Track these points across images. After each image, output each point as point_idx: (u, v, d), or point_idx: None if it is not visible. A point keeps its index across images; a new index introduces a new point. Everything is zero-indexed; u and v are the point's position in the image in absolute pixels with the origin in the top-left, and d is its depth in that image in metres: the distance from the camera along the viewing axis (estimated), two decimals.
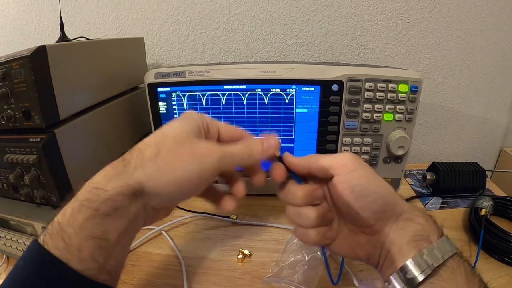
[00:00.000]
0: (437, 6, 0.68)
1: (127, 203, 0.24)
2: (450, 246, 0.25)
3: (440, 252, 0.25)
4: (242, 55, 0.75)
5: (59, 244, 0.22)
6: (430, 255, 0.25)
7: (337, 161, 0.29)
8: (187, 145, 0.26)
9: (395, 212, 0.27)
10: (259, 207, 0.55)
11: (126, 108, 0.61)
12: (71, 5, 0.75)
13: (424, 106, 0.76)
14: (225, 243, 0.47)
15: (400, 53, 0.72)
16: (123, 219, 0.24)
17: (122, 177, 0.24)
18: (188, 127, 0.27)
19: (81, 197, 0.24)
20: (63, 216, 0.23)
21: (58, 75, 0.41)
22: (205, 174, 0.26)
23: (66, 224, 0.22)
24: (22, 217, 0.42)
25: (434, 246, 0.25)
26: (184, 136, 0.26)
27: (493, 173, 0.79)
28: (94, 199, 0.23)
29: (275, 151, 0.30)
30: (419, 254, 0.25)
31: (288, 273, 0.39)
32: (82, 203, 0.23)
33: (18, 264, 0.22)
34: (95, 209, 0.23)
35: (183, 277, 0.40)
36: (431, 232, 0.26)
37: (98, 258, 0.23)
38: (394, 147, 0.49)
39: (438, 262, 0.24)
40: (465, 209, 0.55)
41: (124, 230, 0.25)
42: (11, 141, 0.41)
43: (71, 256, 0.21)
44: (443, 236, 0.26)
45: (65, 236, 0.22)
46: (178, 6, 0.72)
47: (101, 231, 0.23)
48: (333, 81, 0.47)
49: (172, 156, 0.25)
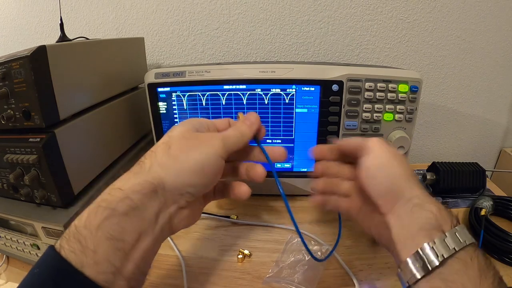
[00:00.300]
0: (437, 6, 0.68)
1: (146, 201, 0.24)
2: (464, 237, 0.25)
3: (452, 243, 0.24)
4: (242, 55, 0.75)
5: (75, 246, 0.22)
6: (440, 245, 0.24)
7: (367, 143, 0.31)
8: (193, 137, 0.28)
9: (404, 196, 0.28)
10: (259, 207, 0.55)
11: (126, 108, 0.61)
12: (71, 5, 0.75)
13: (424, 106, 0.76)
14: (225, 243, 0.47)
15: (400, 53, 0.72)
16: (142, 219, 0.24)
17: (139, 175, 0.25)
18: (188, 126, 0.30)
19: (98, 199, 0.24)
20: (80, 219, 0.23)
21: (58, 75, 0.41)
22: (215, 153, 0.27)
23: (82, 226, 0.22)
24: (22, 217, 0.42)
25: (446, 236, 0.25)
26: (188, 132, 0.29)
27: (493, 173, 0.79)
28: (111, 200, 0.23)
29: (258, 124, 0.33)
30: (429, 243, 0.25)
31: (288, 273, 0.39)
32: (99, 204, 0.23)
33: (33, 271, 0.22)
34: (112, 209, 0.23)
35: (183, 277, 0.40)
36: (444, 221, 0.26)
37: (114, 261, 0.22)
38: (394, 147, 0.49)
39: (449, 253, 0.24)
40: (465, 209, 0.55)
41: (143, 230, 0.24)
42: (11, 141, 0.41)
43: (87, 259, 0.21)
44: (458, 226, 0.26)
45: (81, 238, 0.22)
46: (178, 6, 0.72)
47: (118, 232, 0.23)
48: (333, 81, 0.47)
49: (182, 147, 0.27)
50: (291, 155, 0.53)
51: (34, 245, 0.43)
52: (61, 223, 0.40)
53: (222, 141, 0.29)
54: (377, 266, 0.41)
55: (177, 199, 0.26)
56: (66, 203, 0.43)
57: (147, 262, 0.26)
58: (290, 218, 0.32)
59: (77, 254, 0.21)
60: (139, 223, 0.24)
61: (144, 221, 0.24)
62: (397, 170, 0.29)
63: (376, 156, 0.30)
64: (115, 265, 0.22)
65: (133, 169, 0.26)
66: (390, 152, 0.30)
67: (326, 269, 0.41)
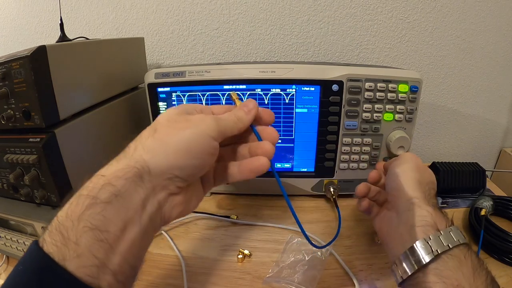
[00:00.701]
0: (437, 6, 0.68)
1: (130, 187, 0.22)
2: (458, 236, 0.26)
3: (446, 240, 0.26)
4: (242, 55, 0.75)
5: (57, 238, 0.20)
6: (435, 241, 0.26)
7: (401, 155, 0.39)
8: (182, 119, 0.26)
9: (406, 195, 0.32)
10: (259, 207, 0.55)
11: (126, 108, 0.61)
12: (71, 5, 0.75)
13: (424, 106, 0.76)
14: (225, 243, 0.47)
15: (400, 53, 0.72)
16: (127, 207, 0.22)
17: (122, 160, 0.24)
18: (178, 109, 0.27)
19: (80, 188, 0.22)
20: (62, 210, 0.22)
21: (58, 75, 0.41)
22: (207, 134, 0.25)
23: (64, 217, 0.21)
24: (22, 217, 0.42)
25: (441, 233, 0.26)
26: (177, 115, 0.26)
27: (493, 173, 0.79)
28: (92, 187, 0.22)
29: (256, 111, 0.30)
30: (425, 238, 0.26)
31: (288, 273, 0.39)
32: (81, 193, 0.22)
33: (18, 268, 0.21)
34: (94, 197, 0.21)
35: (183, 277, 0.40)
36: (439, 220, 0.28)
37: (98, 253, 0.20)
38: (394, 147, 0.49)
39: (443, 249, 0.25)
40: (465, 209, 0.55)
41: (129, 219, 0.22)
42: (11, 141, 0.41)
43: (69, 251, 0.20)
44: (452, 227, 0.27)
45: (63, 230, 0.20)
46: (178, 6, 0.72)
47: (101, 222, 0.21)
48: (333, 81, 0.47)
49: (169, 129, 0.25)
50: (291, 155, 0.53)
51: None
52: None
53: (215, 121, 0.26)
54: (377, 266, 0.41)
55: (166, 184, 0.24)
56: None
57: (137, 256, 0.23)
58: (290, 218, 0.32)
59: (59, 247, 0.20)
60: (123, 211, 0.22)
61: (129, 210, 0.22)
62: (410, 174, 0.34)
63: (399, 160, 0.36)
64: (99, 257, 0.20)
65: (118, 156, 0.25)
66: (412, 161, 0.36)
67: (326, 269, 0.41)
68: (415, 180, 0.33)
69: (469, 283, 0.23)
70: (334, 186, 0.53)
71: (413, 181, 0.33)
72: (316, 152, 0.52)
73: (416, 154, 0.38)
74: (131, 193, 0.22)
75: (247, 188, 0.57)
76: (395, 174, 0.34)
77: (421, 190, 0.32)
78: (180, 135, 0.24)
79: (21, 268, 0.20)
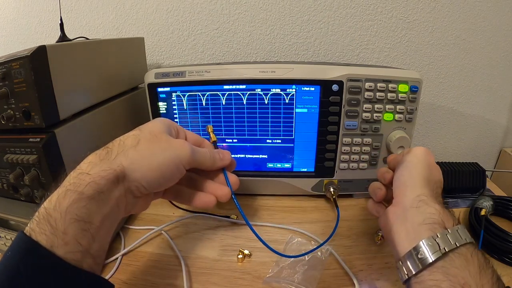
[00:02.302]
0: (437, 6, 0.68)
1: (110, 186, 0.26)
2: (465, 235, 0.26)
3: (453, 238, 0.26)
4: (242, 55, 0.75)
5: (46, 228, 0.23)
6: (442, 239, 0.26)
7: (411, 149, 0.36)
8: (163, 138, 0.30)
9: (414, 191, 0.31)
10: (259, 207, 0.55)
11: (126, 108, 0.60)
12: (71, 5, 0.75)
13: (424, 106, 0.76)
14: (225, 243, 0.47)
15: (400, 53, 0.72)
16: (106, 203, 0.26)
17: (105, 162, 0.27)
18: (161, 126, 0.32)
19: (66, 183, 0.25)
20: (49, 202, 0.24)
21: (58, 75, 0.41)
22: (180, 161, 0.30)
23: (52, 209, 0.24)
24: (22, 217, 0.42)
25: (448, 232, 0.26)
26: (159, 132, 0.31)
27: (493, 173, 0.79)
28: (78, 183, 0.25)
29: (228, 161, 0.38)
30: (432, 236, 0.26)
31: (288, 273, 0.39)
32: (68, 188, 0.25)
33: (6, 254, 0.23)
34: (80, 193, 0.24)
35: (183, 277, 0.40)
36: (446, 219, 0.28)
37: (82, 241, 0.24)
38: (394, 147, 0.49)
39: (450, 247, 0.25)
40: (465, 209, 0.55)
41: (107, 213, 0.26)
42: (11, 141, 0.41)
43: (57, 240, 0.22)
44: (459, 225, 0.27)
45: (51, 220, 0.23)
46: (178, 6, 0.72)
47: (86, 214, 0.24)
48: (333, 81, 0.47)
49: (150, 145, 0.29)
50: (291, 155, 0.53)
51: None
52: None
53: (192, 152, 0.31)
54: (377, 266, 0.41)
55: (133, 189, 0.28)
56: None
57: (108, 241, 0.28)
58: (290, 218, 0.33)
59: (47, 236, 0.23)
60: (104, 206, 0.26)
61: (107, 205, 0.26)
62: (420, 171, 0.32)
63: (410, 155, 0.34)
64: (83, 244, 0.24)
65: (100, 154, 0.28)
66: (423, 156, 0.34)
67: (326, 269, 0.41)
68: (423, 177, 0.32)
69: (475, 281, 0.23)
70: (334, 186, 0.53)
71: (422, 178, 0.32)
72: (316, 152, 0.52)
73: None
74: (110, 192, 0.26)
75: (247, 189, 0.57)
76: (405, 169, 0.33)
77: (429, 188, 0.31)
78: (157, 156, 0.29)
79: (9, 254, 0.23)
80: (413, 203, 0.30)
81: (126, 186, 0.28)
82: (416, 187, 0.31)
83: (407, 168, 0.33)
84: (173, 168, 0.30)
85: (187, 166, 0.32)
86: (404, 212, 0.30)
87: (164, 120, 0.34)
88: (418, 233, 0.27)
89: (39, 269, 0.22)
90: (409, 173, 0.33)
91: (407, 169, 0.33)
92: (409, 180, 0.32)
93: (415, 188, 0.31)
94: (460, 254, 0.25)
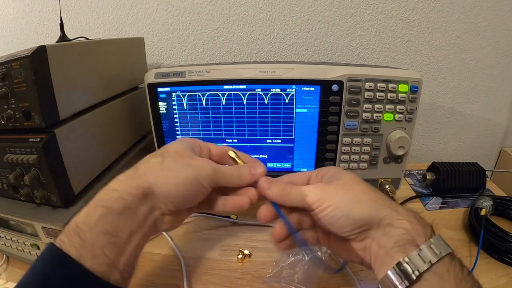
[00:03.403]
0: (437, 6, 0.68)
1: (137, 203, 0.27)
2: (440, 248, 0.24)
3: (428, 255, 0.24)
4: (242, 55, 0.75)
5: (75, 240, 0.24)
6: (415, 260, 0.24)
7: (309, 199, 0.29)
8: (186, 157, 0.30)
9: (374, 222, 0.27)
10: (259, 207, 0.55)
11: (126, 108, 0.61)
12: (71, 5, 0.75)
13: (424, 106, 0.76)
14: (225, 243, 0.47)
15: (400, 53, 0.72)
16: (133, 218, 0.27)
17: (132, 179, 0.28)
18: (184, 145, 0.32)
19: (96, 199, 0.26)
20: (80, 216, 0.25)
21: (58, 75, 0.41)
22: (202, 181, 0.29)
23: (82, 222, 0.25)
24: (22, 217, 0.42)
25: (421, 250, 0.24)
26: (182, 151, 0.31)
27: (493, 173, 0.79)
28: (107, 198, 0.26)
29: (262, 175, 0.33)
30: (404, 259, 0.24)
31: (288, 273, 0.39)
32: (97, 203, 0.26)
33: (36, 265, 0.24)
34: (108, 207, 0.25)
35: (183, 277, 0.40)
36: (417, 235, 0.25)
37: (110, 254, 0.25)
38: (394, 147, 0.49)
39: (423, 269, 0.23)
40: (465, 209, 0.55)
41: (134, 228, 0.27)
42: (11, 141, 0.41)
43: (85, 252, 0.23)
44: (433, 238, 0.25)
45: (81, 233, 0.24)
46: (178, 6, 0.72)
47: (113, 228, 0.25)
48: (333, 81, 0.47)
49: (174, 164, 0.29)
50: (291, 155, 0.53)
51: (34, 245, 0.43)
52: (61, 223, 0.40)
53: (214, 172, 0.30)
54: None
55: (161, 206, 0.29)
56: (66, 203, 0.43)
57: (136, 257, 0.28)
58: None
59: (76, 248, 0.23)
60: (131, 221, 0.27)
61: (135, 221, 0.27)
62: (354, 203, 0.27)
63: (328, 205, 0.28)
64: (110, 258, 0.25)
65: (128, 173, 0.29)
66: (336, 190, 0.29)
67: (326, 269, 0.41)
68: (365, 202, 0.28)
69: None
70: None
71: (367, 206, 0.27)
72: (316, 152, 0.52)
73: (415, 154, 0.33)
74: (137, 208, 0.27)
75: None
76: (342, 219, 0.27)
77: (381, 204, 0.27)
78: (181, 172, 0.29)
79: (39, 264, 0.24)
80: (380, 232, 0.27)
81: (153, 203, 0.28)
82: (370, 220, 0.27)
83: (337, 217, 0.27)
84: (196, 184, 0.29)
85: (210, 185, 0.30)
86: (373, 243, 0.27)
87: (187, 140, 0.34)
88: (392, 257, 0.25)
89: (68, 281, 0.22)
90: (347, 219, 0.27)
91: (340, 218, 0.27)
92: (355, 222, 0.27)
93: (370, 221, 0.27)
94: (435, 273, 0.23)
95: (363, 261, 0.29)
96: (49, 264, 0.23)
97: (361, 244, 0.28)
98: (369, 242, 0.28)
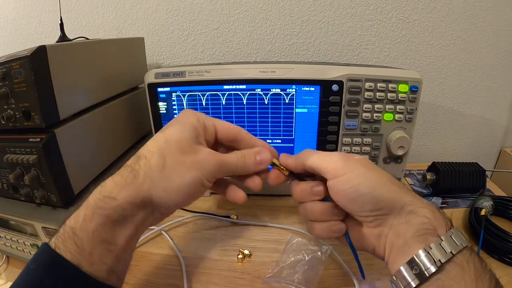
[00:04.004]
0: (437, 6, 0.68)
1: (136, 211, 0.27)
2: (460, 239, 0.24)
3: (449, 246, 0.24)
4: (242, 55, 0.75)
5: (71, 247, 0.23)
6: (437, 250, 0.24)
7: (326, 165, 0.29)
8: (189, 152, 0.29)
9: (395, 207, 0.26)
10: (259, 207, 0.55)
11: (126, 108, 0.61)
12: (71, 5, 0.75)
13: (424, 106, 0.76)
14: (225, 243, 0.47)
15: (400, 53, 0.72)
16: (131, 225, 0.27)
17: (132, 187, 0.26)
18: (187, 132, 0.29)
19: (93, 203, 0.25)
20: (76, 221, 0.25)
21: (58, 75, 0.41)
22: (205, 179, 0.29)
23: (79, 229, 0.24)
24: (22, 217, 0.42)
25: (442, 240, 0.24)
26: (186, 143, 0.29)
27: (493, 173, 0.79)
28: (105, 207, 0.25)
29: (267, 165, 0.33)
30: (425, 248, 0.24)
31: (288, 273, 0.39)
32: (95, 211, 0.25)
33: (30, 267, 0.23)
34: (107, 216, 0.25)
35: (183, 277, 0.40)
36: (439, 225, 0.25)
37: (107, 261, 0.25)
38: (394, 147, 0.49)
39: (446, 258, 0.23)
40: (465, 209, 0.55)
41: (132, 234, 0.27)
42: (11, 141, 0.41)
43: (83, 259, 0.23)
44: (452, 229, 0.25)
45: (78, 241, 0.24)
46: (178, 6, 0.72)
47: (111, 237, 0.25)
48: (333, 81, 0.47)
49: (176, 166, 0.28)
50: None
51: (34, 245, 0.43)
52: (61, 223, 0.40)
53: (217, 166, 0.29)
54: (377, 266, 0.41)
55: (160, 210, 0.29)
56: (66, 203, 0.43)
57: (131, 258, 0.29)
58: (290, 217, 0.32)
59: (73, 254, 0.23)
60: (129, 229, 0.27)
61: (132, 228, 0.27)
62: (378, 183, 0.27)
63: (349, 177, 0.27)
64: (108, 264, 0.25)
65: (126, 176, 0.27)
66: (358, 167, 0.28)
67: (326, 269, 0.41)
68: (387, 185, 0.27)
69: None
70: None
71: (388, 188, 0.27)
72: None
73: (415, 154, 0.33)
74: (136, 215, 0.27)
75: (247, 189, 0.57)
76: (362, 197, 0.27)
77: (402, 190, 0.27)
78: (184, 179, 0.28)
79: (33, 267, 0.23)
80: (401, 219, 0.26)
81: (154, 208, 0.28)
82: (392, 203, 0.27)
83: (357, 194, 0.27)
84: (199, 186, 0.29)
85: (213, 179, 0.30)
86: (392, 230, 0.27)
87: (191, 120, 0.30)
88: (411, 247, 0.25)
89: (63, 283, 0.22)
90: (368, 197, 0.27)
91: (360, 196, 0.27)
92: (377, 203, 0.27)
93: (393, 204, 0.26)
94: (456, 264, 0.23)
95: (375, 250, 0.29)
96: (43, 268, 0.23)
97: (375, 230, 0.28)
98: (386, 230, 0.27)
